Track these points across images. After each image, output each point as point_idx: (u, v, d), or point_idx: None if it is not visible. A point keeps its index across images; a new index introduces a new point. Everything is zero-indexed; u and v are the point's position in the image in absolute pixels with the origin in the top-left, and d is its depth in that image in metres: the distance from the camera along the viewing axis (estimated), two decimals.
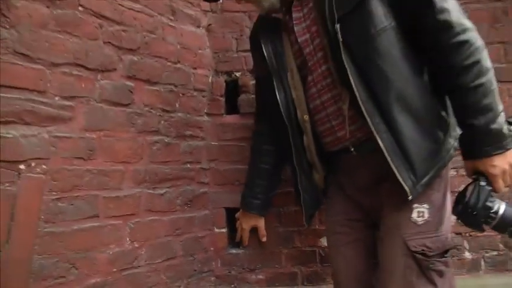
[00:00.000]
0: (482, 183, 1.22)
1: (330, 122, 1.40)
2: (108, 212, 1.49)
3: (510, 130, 1.26)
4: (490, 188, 1.22)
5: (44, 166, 1.31)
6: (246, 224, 1.82)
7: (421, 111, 1.26)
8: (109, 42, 1.54)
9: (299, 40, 1.42)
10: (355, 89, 1.24)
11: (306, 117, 1.46)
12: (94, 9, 1.50)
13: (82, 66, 1.44)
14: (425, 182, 1.26)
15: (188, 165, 1.81)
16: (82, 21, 1.46)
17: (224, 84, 1.95)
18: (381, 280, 1.35)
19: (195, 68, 1.88)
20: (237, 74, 1.95)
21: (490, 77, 1.22)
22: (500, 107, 1.22)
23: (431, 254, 1.26)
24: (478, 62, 1.20)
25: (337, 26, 1.24)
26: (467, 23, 1.23)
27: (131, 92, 1.60)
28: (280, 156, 1.70)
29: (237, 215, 1.85)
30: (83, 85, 1.44)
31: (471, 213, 1.20)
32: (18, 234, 1.23)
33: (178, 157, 1.77)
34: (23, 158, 1.26)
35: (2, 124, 1.22)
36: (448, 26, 1.20)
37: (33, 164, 1.28)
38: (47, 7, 1.36)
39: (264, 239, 1.85)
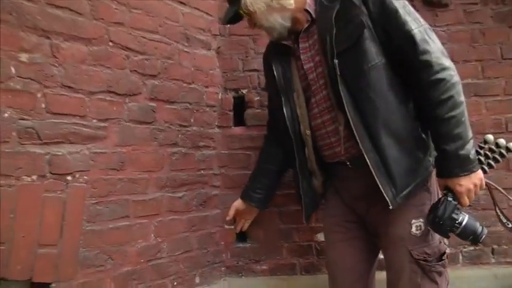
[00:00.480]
0: (450, 198, 1.43)
1: (329, 138, 1.62)
2: (136, 213, 1.80)
3: (480, 154, 1.51)
4: (456, 202, 1.43)
5: (85, 177, 1.62)
6: (241, 214, 2.02)
7: (403, 135, 1.48)
8: (134, 71, 1.84)
9: (304, 67, 1.64)
10: (348, 115, 1.46)
11: (308, 132, 1.67)
12: (122, 43, 1.80)
13: (113, 92, 1.75)
14: (405, 194, 1.47)
15: (202, 172, 2.11)
16: (112, 54, 1.76)
17: (232, 100, 2.24)
18: (391, 283, 1.60)
19: (206, 87, 2.17)
20: (244, 91, 2.23)
21: (462, 110, 1.42)
22: (470, 135, 1.42)
23: (431, 259, 1.51)
24: (452, 97, 1.41)
25: (336, 61, 1.47)
26: (446, 63, 1.44)
27: (153, 111, 1.90)
28: (284, 160, 1.90)
29: (234, 203, 2.00)
30: (115, 108, 1.75)
31: (438, 222, 1.41)
32: (68, 231, 1.55)
33: (194, 165, 2.07)
34: (69, 170, 1.58)
35: (53, 144, 1.54)
36: (428, 66, 1.42)
37: (77, 176, 1.60)
38: (86, 45, 1.67)
39: (246, 226, 2.07)
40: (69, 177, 1.57)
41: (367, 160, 1.46)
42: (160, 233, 1.90)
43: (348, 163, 1.60)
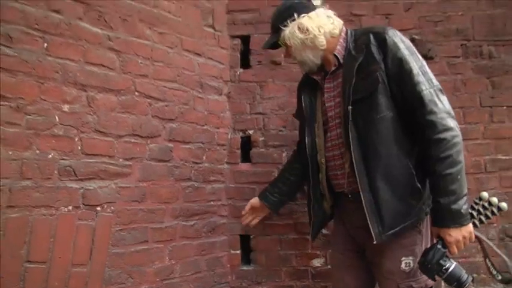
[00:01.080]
0: (440, 246, 1.56)
1: (336, 171, 1.81)
2: (154, 238, 2.08)
3: (474, 209, 1.66)
4: (445, 250, 1.55)
5: (112, 207, 1.92)
6: (253, 211, 2.22)
7: (399, 182, 1.64)
8: (156, 116, 2.14)
9: (326, 104, 1.83)
10: (353, 155, 1.66)
11: (323, 160, 1.84)
12: (145, 92, 2.11)
13: (137, 135, 2.05)
14: (392, 233, 1.63)
15: (212, 203, 2.39)
16: (137, 102, 2.07)
17: (240, 139, 2.52)
18: None
19: (218, 128, 2.46)
20: (250, 132, 2.51)
21: (459, 169, 1.56)
22: (464, 192, 1.56)
23: None
24: (451, 156, 1.55)
25: (350, 108, 1.67)
26: (450, 124, 1.58)
27: (171, 151, 2.20)
28: (303, 175, 2.05)
29: (251, 200, 2.21)
30: (138, 149, 2.05)
31: (427, 266, 1.55)
32: (96, 253, 1.84)
33: (205, 197, 2.36)
34: (99, 202, 1.87)
35: (86, 180, 1.84)
36: (432, 125, 1.58)
37: (105, 206, 1.90)
38: (115, 96, 1.98)
39: (254, 222, 2.25)
40: (98, 208, 1.87)
41: (362, 197, 1.65)
42: (174, 256, 2.17)
43: (350, 196, 1.78)
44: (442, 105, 1.61)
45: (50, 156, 1.73)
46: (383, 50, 1.67)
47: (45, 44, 1.75)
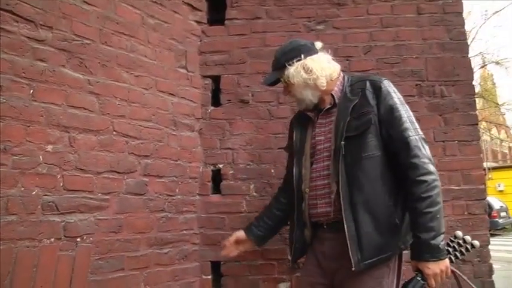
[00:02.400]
0: (418, 278, 1.68)
1: (316, 200, 1.88)
2: (130, 266, 2.22)
3: (449, 245, 1.79)
4: (423, 282, 1.67)
5: (91, 238, 2.06)
6: (237, 243, 2.22)
7: (380, 217, 1.75)
8: (132, 153, 2.30)
9: (316, 138, 1.93)
10: (340, 188, 1.76)
11: (307, 190, 1.92)
12: (123, 131, 2.27)
13: (115, 171, 2.21)
14: (368, 263, 1.72)
15: (184, 232, 2.54)
16: (115, 141, 2.23)
17: (211, 173, 2.69)
18: None
19: (190, 162, 2.63)
20: (220, 166, 2.68)
21: (438, 209, 1.70)
22: (442, 230, 1.69)
23: None
24: (431, 196, 1.69)
25: (342, 143, 1.78)
26: (431, 168, 1.73)
27: (146, 185, 2.36)
28: (288, 211, 2.11)
29: (237, 232, 2.23)
30: (116, 184, 2.21)
31: None
32: (76, 282, 1.97)
33: (177, 226, 2.51)
34: (79, 234, 2.01)
35: (67, 214, 1.98)
36: (415, 167, 1.73)
37: (84, 237, 2.03)
38: (95, 135, 2.14)
39: (234, 254, 2.25)
40: (78, 239, 2.01)
41: (345, 228, 1.74)
42: (149, 282, 2.31)
43: (325, 226, 1.88)
44: (425, 152, 1.77)
45: (34, 192, 1.87)
46: (377, 96, 1.84)
47: (31, 90, 1.91)
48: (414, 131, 1.80)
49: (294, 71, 1.91)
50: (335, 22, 2.83)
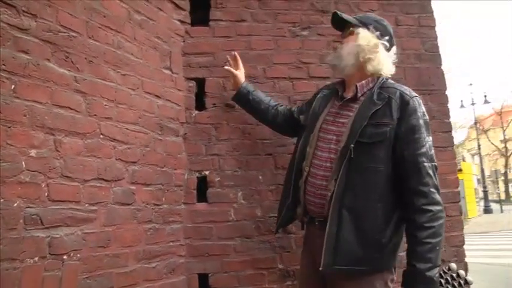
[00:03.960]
0: None
1: (314, 188, 1.78)
2: (119, 283, 1.92)
3: (442, 277, 1.71)
4: None
5: (78, 255, 1.75)
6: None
7: (366, 231, 1.65)
8: (119, 159, 2.02)
9: (328, 126, 1.83)
10: (335, 188, 1.67)
11: (306, 168, 1.83)
12: (110, 135, 1.98)
13: (102, 179, 1.91)
14: (339, 269, 1.64)
15: (171, 243, 2.27)
16: (102, 145, 1.94)
17: (196, 180, 2.44)
18: None
19: (175, 169, 2.37)
20: (206, 172, 2.45)
21: (439, 241, 1.60)
22: (439, 262, 1.60)
23: None
24: (433, 227, 1.60)
25: (352, 146, 1.67)
26: (438, 198, 1.65)
27: (134, 194, 2.07)
28: (274, 114, 2.29)
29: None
30: (103, 193, 1.91)
31: None
32: None
33: (164, 238, 2.23)
34: (65, 250, 1.70)
35: (53, 228, 1.67)
36: (423, 195, 1.63)
37: (71, 254, 1.73)
38: (81, 139, 1.84)
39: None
40: (65, 257, 1.70)
41: (327, 227, 1.66)
42: None
43: (317, 222, 1.79)
44: (435, 181, 1.67)
45: (15, 205, 1.55)
46: (402, 110, 1.71)
47: (13, 86, 1.59)
48: (429, 159, 1.70)
49: (367, 34, 1.83)
50: (319, 29, 2.72)
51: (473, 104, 28.06)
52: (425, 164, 1.67)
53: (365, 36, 1.83)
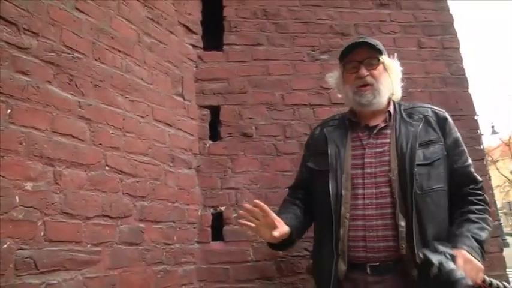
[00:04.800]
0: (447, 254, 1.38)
1: (363, 231, 1.54)
2: None
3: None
4: (454, 256, 1.37)
5: None
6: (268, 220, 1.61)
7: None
8: (127, 193, 1.80)
9: (365, 160, 1.62)
10: (413, 222, 1.48)
11: (347, 215, 1.57)
12: (116, 167, 1.77)
13: (107, 216, 1.69)
14: None
15: (184, 287, 2.01)
16: (108, 178, 1.73)
17: (211, 216, 2.20)
18: None
19: (188, 205, 2.14)
20: (222, 208, 2.21)
21: (488, 229, 1.54)
22: (485, 246, 1.50)
23: None
24: (486, 219, 1.56)
25: (416, 171, 1.54)
26: (488, 205, 1.62)
27: (142, 232, 1.84)
28: (307, 212, 1.79)
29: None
30: (108, 231, 1.68)
31: (428, 258, 1.35)
32: None
33: (176, 281, 1.98)
34: None
35: (49, 273, 1.44)
36: (482, 200, 1.60)
37: None
38: (84, 171, 1.63)
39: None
40: None
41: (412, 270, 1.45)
42: None
43: (368, 267, 1.52)
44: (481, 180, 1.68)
45: (5, 246, 1.33)
46: (442, 127, 1.66)
47: (9, 110, 1.40)
48: (474, 167, 1.68)
49: (392, 63, 1.75)
50: (339, 52, 2.53)
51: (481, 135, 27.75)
52: (475, 174, 1.65)
53: (393, 65, 1.75)
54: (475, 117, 2.62)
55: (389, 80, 1.72)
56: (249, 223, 1.60)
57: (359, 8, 2.71)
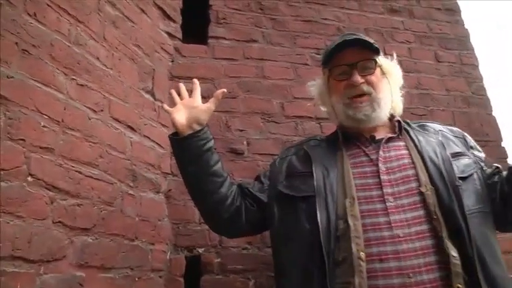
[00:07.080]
0: None
1: (403, 278, 1.09)
2: None
3: None
4: None
5: None
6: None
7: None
8: (59, 222, 1.11)
9: (381, 177, 1.22)
10: (475, 253, 1.09)
11: (363, 255, 1.12)
12: (46, 179, 1.10)
13: (21, 258, 0.99)
14: None
15: None
16: (29, 195, 1.05)
17: (184, 261, 1.53)
18: None
19: (152, 244, 1.45)
20: (200, 250, 1.54)
21: None
22: None
23: None
24: None
25: (461, 182, 1.19)
26: None
27: (81, 285, 1.14)
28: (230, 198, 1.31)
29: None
30: (19, 286, 0.98)
31: None
32: None
33: None
34: None
35: None
36: None
37: None
38: None
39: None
40: None
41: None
42: None
43: None
44: None
45: None
46: (464, 142, 1.36)
47: None
48: None
49: (392, 66, 1.37)
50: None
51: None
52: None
53: (392, 69, 1.38)
54: (502, 144, 2.18)
55: (389, 88, 1.35)
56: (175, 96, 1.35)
57: (368, 12, 2.30)
